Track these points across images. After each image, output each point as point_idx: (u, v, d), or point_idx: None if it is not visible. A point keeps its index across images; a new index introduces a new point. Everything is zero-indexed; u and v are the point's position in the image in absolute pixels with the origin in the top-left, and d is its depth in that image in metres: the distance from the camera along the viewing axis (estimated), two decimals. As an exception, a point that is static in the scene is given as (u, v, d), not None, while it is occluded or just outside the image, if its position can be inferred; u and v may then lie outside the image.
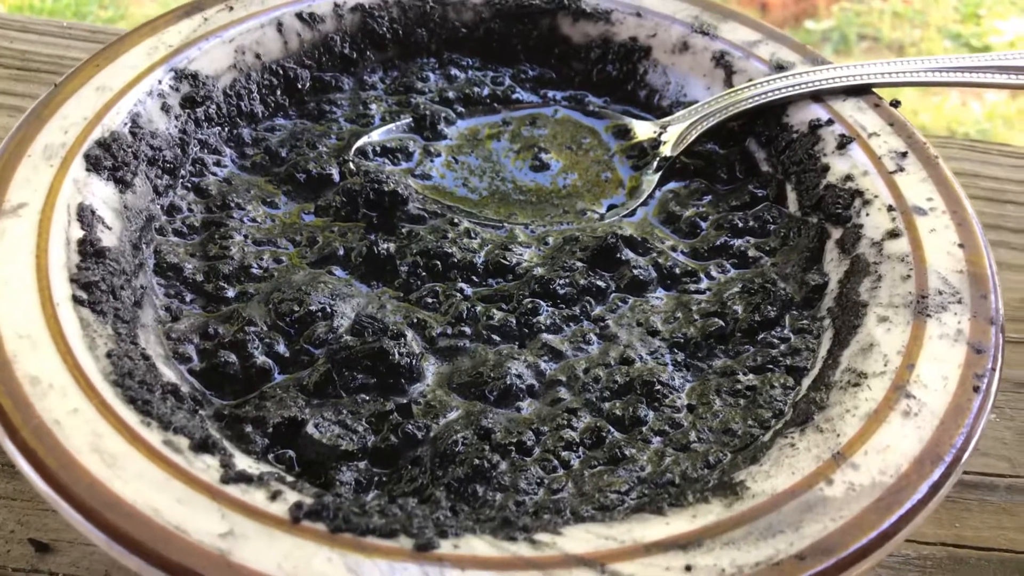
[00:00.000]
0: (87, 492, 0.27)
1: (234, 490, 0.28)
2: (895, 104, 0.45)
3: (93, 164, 0.39)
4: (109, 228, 0.38)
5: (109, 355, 0.32)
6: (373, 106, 0.49)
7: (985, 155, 0.61)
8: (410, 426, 0.34)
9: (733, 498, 0.29)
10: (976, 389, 0.33)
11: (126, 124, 0.41)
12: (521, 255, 0.42)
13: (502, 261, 0.41)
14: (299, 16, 0.48)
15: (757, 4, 1.98)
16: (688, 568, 0.27)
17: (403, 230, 0.42)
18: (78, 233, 0.36)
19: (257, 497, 0.28)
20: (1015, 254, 0.54)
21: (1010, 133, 1.68)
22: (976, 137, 1.68)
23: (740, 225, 0.44)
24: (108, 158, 0.39)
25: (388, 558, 0.27)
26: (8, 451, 0.29)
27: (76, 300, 0.33)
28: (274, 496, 0.28)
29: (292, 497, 0.28)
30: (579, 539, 0.28)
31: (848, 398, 0.33)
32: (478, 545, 0.27)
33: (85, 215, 0.37)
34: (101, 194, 0.38)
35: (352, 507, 0.28)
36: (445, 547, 0.27)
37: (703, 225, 0.44)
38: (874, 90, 0.46)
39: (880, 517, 0.29)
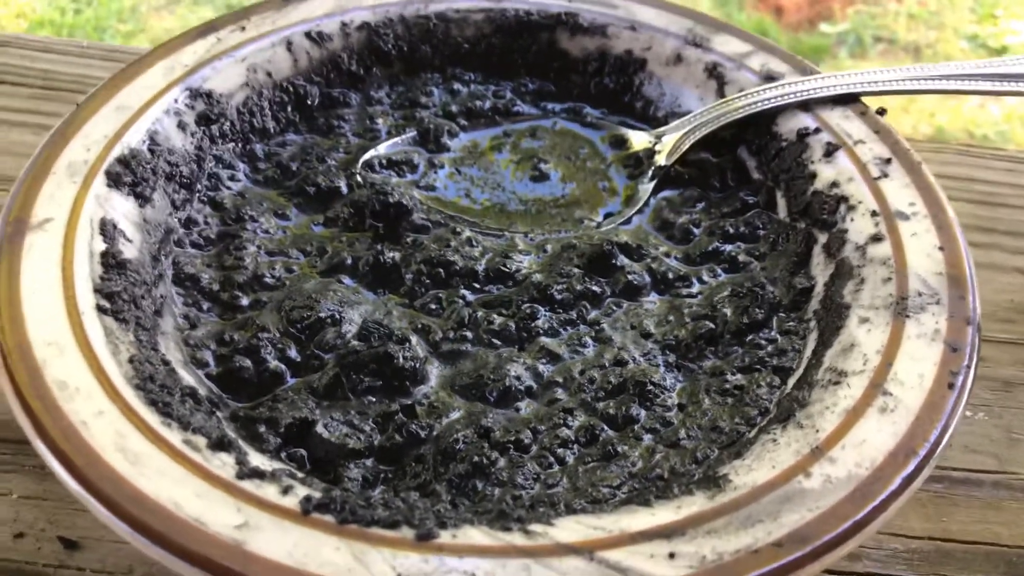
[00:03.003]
0: (113, 488, 0.29)
1: (248, 485, 0.30)
2: (881, 112, 0.47)
3: (114, 180, 0.41)
4: (130, 241, 0.40)
5: (131, 360, 0.34)
6: (379, 120, 0.51)
7: (979, 159, 0.62)
8: (414, 426, 0.36)
9: (716, 490, 0.31)
10: (951, 386, 0.34)
11: (144, 142, 0.43)
12: (520, 262, 0.43)
13: (502, 268, 0.43)
14: (308, 35, 0.50)
15: (772, 7, 1.99)
16: (672, 555, 0.29)
17: (408, 239, 0.44)
18: (101, 246, 0.38)
19: (270, 491, 0.30)
20: (1007, 256, 0.55)
21: (1029, 134, 1.69)
22: (995, 139, 1.69)
23: (731, 231, 0.45)
24: (128, 174, 0.41)
25: (391, 547, 0.29)
26: (39, 451, 0.31)
27: (100, 309, 0.35)
28: (286, 491, 0.30)
29: (302, 492, 0.30)
30: (570, 529, 0.30)
31: (828, 396, 0.34)
32: (475, 535, 0.29)
33: (107, 229, 0.39)
34: (122, 209, 0.40)
35: (358, 500, 0.30)
36: (444, 537, 0.29)
37: (696, 231, 0.46)
38: (861, 99, 0.47)
39: (855, 508, 0.30)
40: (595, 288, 0.42)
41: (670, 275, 0.43)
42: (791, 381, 0.38)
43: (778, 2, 1.99)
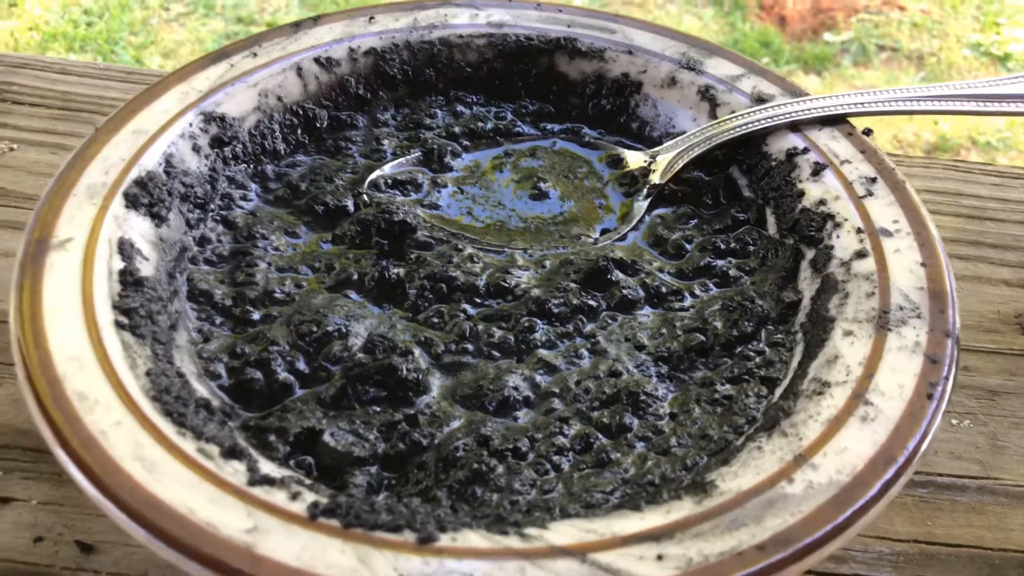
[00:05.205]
0: (130, 495, 0.31)
1: (259, 491, 0.32)
2: (867, 132, 0.48)
3: (131, 201, 0.43)
4: (147, 259, 0.42)
5: (148, 373, 0.36)
6: (385, 142, 0.53)
7: (968, 174, 0.64)
8: (416, 434, 0.38)
9: (703, 496, 0.33)
10: (930, 396, 0.36)
11: (160, 164, 0.45)
12: (520, 278, 0.45)
13: (502, 283, 0.45)
14: (317, 60, 0.52)
15: (775, 17, 2.01)
16: (660, 557, 0.30)
17: (412, 256, 0.46)
18: (119, 264, 0.40)
19: (279, 497, 0.32)
20: (993, 268, 0.57)
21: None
22: (997, 146, 1.71)
23: (723, 247, 0.47)
24: (145, 195, 0.43)
25: (394, 550, 0.30)
26: (60, 460, 0.32)
27: (118, 325, 0.37)
28: (294, 496, 0.32)
29: (310, 497, 0.32)
30: (564, 532, 0.31)
31: (812, 405, 0.36)
32: (473, 538, 0.31)
33: (125, 248, 0.41)
34: (139, 228, 0.42)
35: (363, 506, 0.32)
36: (444, 540, 0.31)
37: (688, 247, 0.48)
38: (848, 119, 0.49)
39: (836, 512, 0.32)
40: (591, 302, 0.44)
41: (663, 289, 0.45)
42: (777, 391, 0.39)
43: (782, 12, 2.01)
